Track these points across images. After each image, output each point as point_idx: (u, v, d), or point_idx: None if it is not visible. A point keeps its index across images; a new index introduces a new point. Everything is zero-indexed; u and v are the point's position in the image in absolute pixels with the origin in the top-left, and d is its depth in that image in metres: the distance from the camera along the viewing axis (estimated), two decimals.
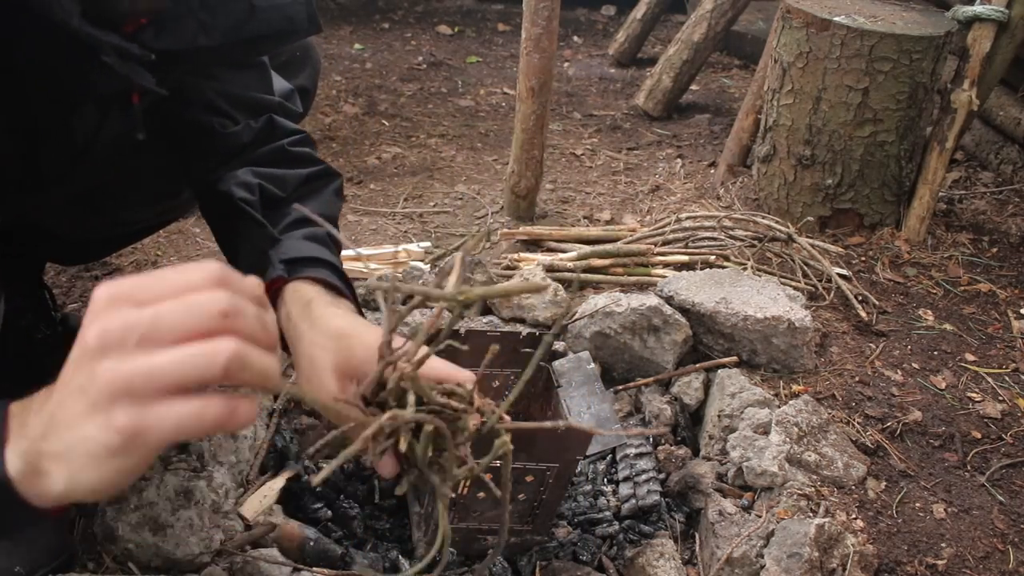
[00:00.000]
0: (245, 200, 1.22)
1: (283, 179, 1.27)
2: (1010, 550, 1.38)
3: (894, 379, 1.76)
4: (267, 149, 1.30)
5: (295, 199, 1.26)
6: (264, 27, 1.19)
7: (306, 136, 1.36)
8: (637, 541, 1.36)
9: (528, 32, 2.19)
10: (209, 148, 1.28)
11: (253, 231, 1.21)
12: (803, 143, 2.37)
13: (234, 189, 1.23)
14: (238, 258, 1.25)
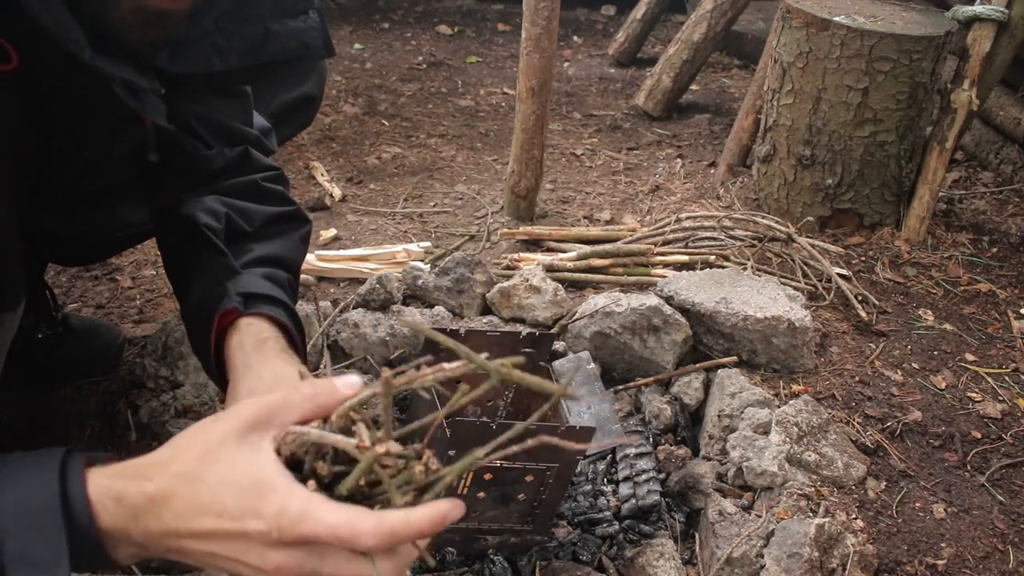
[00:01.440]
0: (209, 227, 1.18)
1: (251, 214, 1.24)
2: (1010, 550, 1.38)
3: (894, 379, 1.76)
4: (239, 181, 1.27)
5: (260, 237, 1.23)
6: (279, 52, 1.18)
7: (280, 173, 1.33)
8: (637, 541, 1.36)
9: (528, 32, 2.19)
10: (179, 169, 1.25)
11: (212, 259, 1.17)
12: (803, 143, 2.37)
13: (199, 215, 1.19)
14: (190, 285, 1.21)
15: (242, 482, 0.75)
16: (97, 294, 1.93)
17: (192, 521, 0.75)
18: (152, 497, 0.75)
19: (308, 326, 1.73)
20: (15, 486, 0.75)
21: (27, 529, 0.73)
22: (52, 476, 0.75)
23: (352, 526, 0.71)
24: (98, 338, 1.65)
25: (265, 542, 0.74)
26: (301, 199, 2.55)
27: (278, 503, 0.73)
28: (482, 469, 1.19)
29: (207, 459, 0.76)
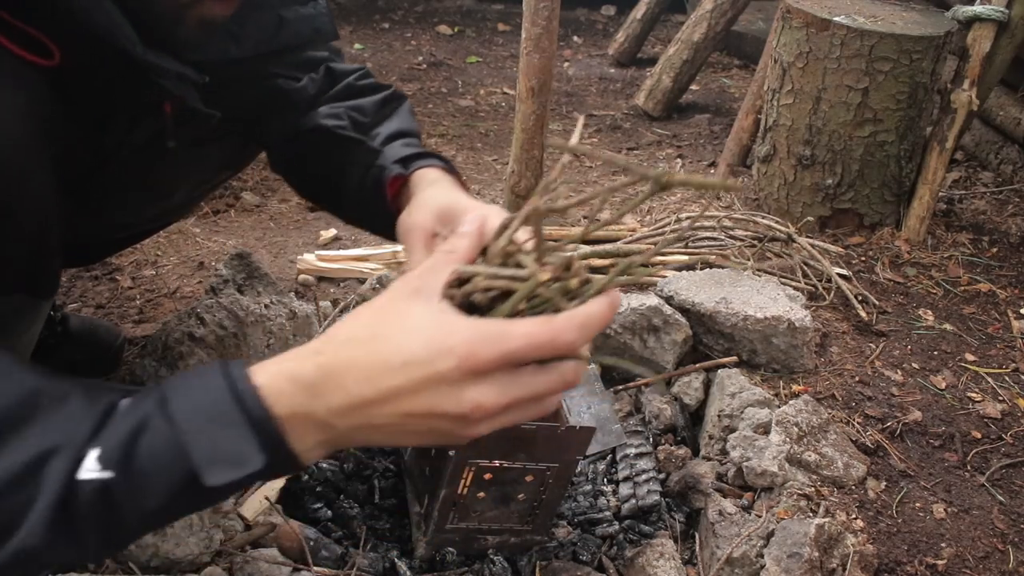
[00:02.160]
0: (339, 127, 1.27)
1: (362, 107, 1.33)
2: (1010, 550, 1.38)
3: (894, 379, 1.76)
4: (336, 90, 1.35)
5: (379, 122, 1.30)
6: (292, 38, 1.23)
7: (366, 69, 1.41)
8: (637, 541, 1.36)
9: (528, 32, 2.19)
10: (284, 105, 1.34)
11: (355, 151, 1.25)
12: (803, 143, 2.37)
13: (323, 121, 1.28)
14: (343, 184, 1.26)
15: (422, 325, 0.73)
16: (97, 294, 1.93)
17: (378, 380, 0.72)
18: (329, 366, 0.73)
19: (308, 326, 1.73)
20: (184, 396, 0.73)
21: (209, 428, 0.71)
22: (217, 377, 0.73)
23: (548, 328, 0.72)
24: (98, 338, 1.65)
25: (459, 379, 0.72)
26: (301, 199, 2.55)
27: (465, 334, 0.72)
28: (482, 469, 1.20)
29: (378, 319, 0.76)
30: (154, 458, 0.71)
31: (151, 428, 0.71)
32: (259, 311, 1.63)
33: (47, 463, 0.70)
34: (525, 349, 0.72)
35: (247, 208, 2.48)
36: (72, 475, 0.69)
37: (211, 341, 1.53)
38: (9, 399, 0.72)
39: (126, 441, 0.71)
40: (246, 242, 2.24)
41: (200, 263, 2.08)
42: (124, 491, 0.70)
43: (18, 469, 0.69)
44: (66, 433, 0.71)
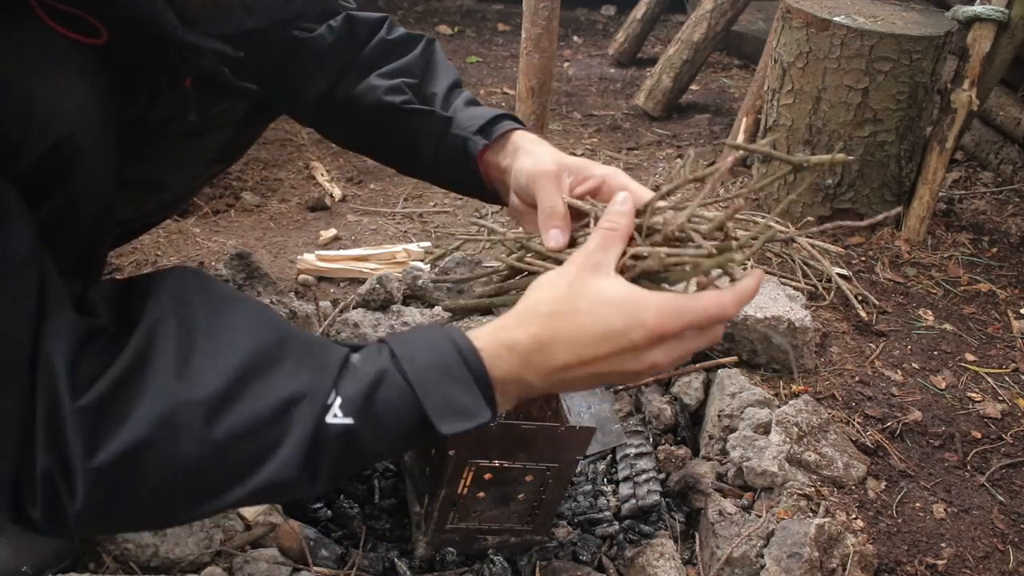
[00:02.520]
0: (405, 102, 1.28)
1: (409, 68, 1.33)
2: (1010, 550, 1.38)
3: (894, 379, 1.76)
4: (372, 48, 1.35)
5: (425, 79, 1.33)
6: (303, 6, 1.25)
7: (389, 19, 1.41)
8: (637, 541, 1.36)
9: (528, 32, 2.19)
10: (306, 63, 1.34)
11: (425, 123, 1.27)
12: (803, 143, 2.37)
13: (387, 98, 1.29)
14: (420, 154, 1.30)
15: (616, 300, 0.87)
16: None
17: (582, 349, 0.86)
18: (540, 339, 0.86)
19: (308, 326, 1.73)
20: (415, 354, 0.85)
21: (441, 383, 0.83)
22: (443, 339, 0.86)
23: (718, 304, 0.88)
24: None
25: (645, 347, 0.86)
26: (301, 199, 2.55)
27: (654, 309, 0.86)
28: (482, 469, 1.20)
29: (574, 295, 0.88)
30: (391, 408, 0.83)
31: (387, 381, 0.83)
32: None
33: (297, 406, 0.81)
34: (701, 321, 0.87)
35: (247, 208, 2.48)
36: (321, 419, 0.81)
37: None
38: (266, 341, 0.83)
39: (366, 392, 0.82)
40: (246, 242, 2.24)
41: (200, 263, 2.08)
42: (363, 436, 0.82)
43: (273, 409, 0.80)
44: (312, 381, 0.82)
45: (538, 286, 0.92)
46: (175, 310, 0.84)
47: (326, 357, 0.85)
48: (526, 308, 0.89)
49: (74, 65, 0.90)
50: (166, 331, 0.83)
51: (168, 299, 0.86)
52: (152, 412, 0.78)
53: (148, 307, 0.84)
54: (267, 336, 0.84)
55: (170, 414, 0.78)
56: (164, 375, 0.80)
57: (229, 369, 0.81)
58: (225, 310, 0.86)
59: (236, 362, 0.81)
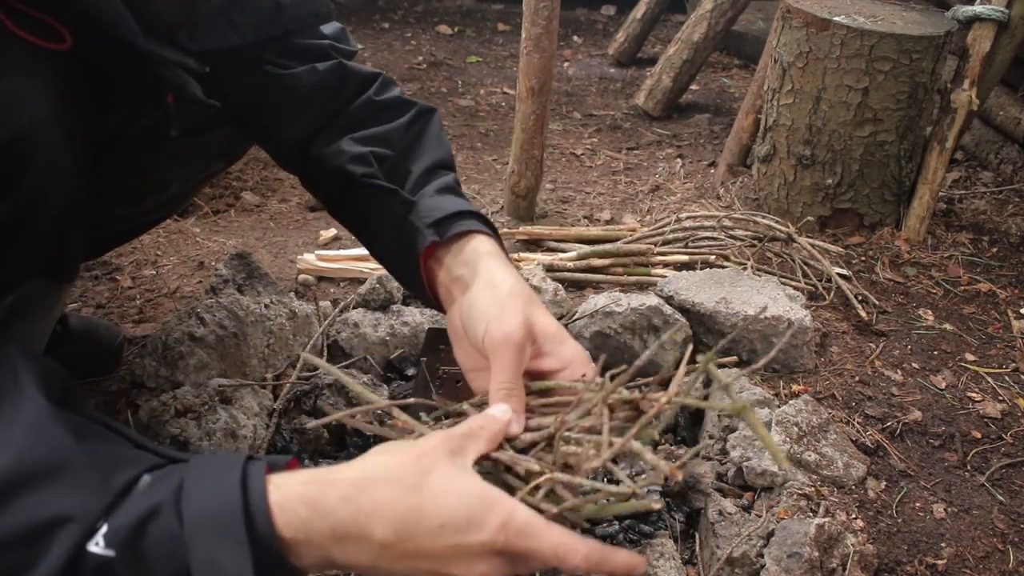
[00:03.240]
0: (368, 175, 1.19)
1: (386, 137, 1.24)
2: (1010, 550, 1.38)
3: (894, 379, 1.76)
4: (356, 107, 1.27)
5: (405, 153, 1.23)
6: (291, 22, 1.21)
7: (383, 77, 1.32)
8: (637, 541, 1.36)
9: (528, 32, 2.19)
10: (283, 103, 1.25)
11: (386, 201, 1.18)
12: (803, 143, 2.38)
13: (350, 167, 1.20)
14: (374, 230, 1.22)
15: (468, 494, 0.76)
16: (97, 294, 1.93)
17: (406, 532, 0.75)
18: (357, 503, 0.75)
19: (308, 326, 1.73)
20: (199, 494, 0.75)
21: (212, 537, 0.73)
22: (235, 485, 0.75)
23: (569, 549, 0.77)
24: (97, 338, 1.65)
25: (482, 552, 0.76)
26: (301, 199, 2.55)
27: (503, 516, 0.76)
28: None
29: (420, 470, 0.77)
30: (157, 549, 0.73)
31: (161, 518, 0.73)
32: (259, 311, 1.63)
33: (60, 529, 0.72)
34: (544, 554, 0.77)
35: (247, 208, 2.48)
36: (82, 546, 0.72)
37: (211, 341, 1.53)
38: (37, 457, 0.74)
39: (134, 525, 0.73)
40: (246, 242, 2.24)
41: (200, 263, 2.08)
42: (124, 572, 0.72)
43: (31, 528, 0.72)
44: (83, 505, 0.73)
45: (382, 448, 0.82)
46: None
47: (111, 477, 0.76)
48: (355, 466, 0.79)
49: (30, 67, 0.89)
50: None
51: None
52: None
53: None
54: (48, 446, 0.76)
55: None
56: None
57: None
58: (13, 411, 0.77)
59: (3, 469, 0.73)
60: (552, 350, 1.01)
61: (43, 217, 0.95)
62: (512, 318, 0.97)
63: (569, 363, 1.00)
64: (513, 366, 0.95)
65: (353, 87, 1.29)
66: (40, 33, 0.90)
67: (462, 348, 1.06)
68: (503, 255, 1.09)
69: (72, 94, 0.96)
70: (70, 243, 1.05)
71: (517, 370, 0.95)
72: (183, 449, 1.33)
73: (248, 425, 1.42)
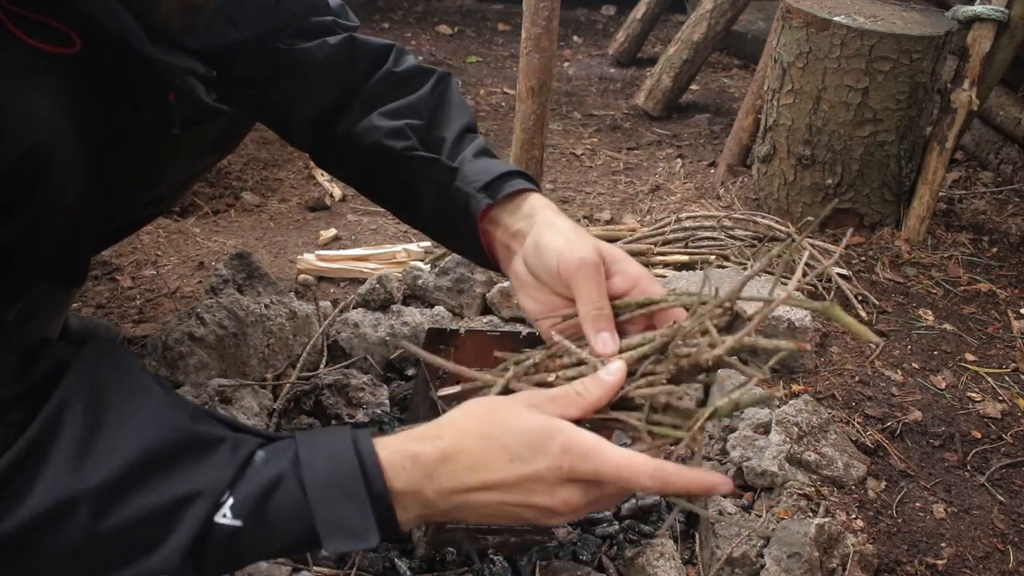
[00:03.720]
0: (407, 148, 1.20)
1: (415, 107, 1.25)
2: (1010, 550, 1.38)
3: (894, 379, 1.76)
4: (378, 80, 1.27)
5: (434, 120, 1.24)
6: (288, 16, 1.22)
7: (398, 48, 1.32)
8: (637, 541, 1.36)
9: (528, 32, 2.19)
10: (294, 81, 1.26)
11: (428, 172, 1.19)
12: (803, 143, 2.37)
13: (388, 142, 1.21)
14: (418, 204, 1.23)
15: (531, 428, 0.83)
16: (97, 294, 1.93)
17: (484, 471, 0.83)
18: (445, 453, 0.83)
19: (308, 326, 1.73)
20: (317, 461, 0.82)
21: (335, 499, 0.81)
22: (349, 450, 0.83)
23: (635, 468, 0.81)
24: (97, 338, 1.65)
25: (554, 479, 0.82)
26: (301, 199, 2.55)
27: (565, 440, 0.82)
28: None
29: (492, 420, 0.85)
30: (282, 515, 0.81)
31: (283, 487, 0.81)
32: (259, 311, 1.63)
33: (191, 504, 0.79)
34: (610, 476, 0.82)
35: (247, 208, 2.48)
36: (210, 518, 0.79)
37: (211, 341, 1.53)
38: (165, 441, 0.82)
39: (259, 496, 0.80)
40: (246, 242, 2.24)
41: (200, 263, 2.08)
42: (250, 539, 0.80)
43: (164, 504, 0.79)
44: (209, 480, 0.81)
45: (465, 405, 0.89)
46: (84, 392, 0.83)
47: (230, 455, 0.83)
48: (441, 423, 0.87)
49: (44, 75, 0.90)
50: (72, 414, 0.81)
51: (80, 379, 0.84)
52: (46, 498, 0.77)
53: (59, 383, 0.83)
54: (171, 429, 0.83)
55: (62, 503, 0.77)
56: (63, 461, 0.79)
57: (127, 462, 0.80)
58: (135, 399, 0.85)
59: (135, 456, 0.80)
60: (620, 270, 1.04)
61: (59, 222, 0.96)
62: (583, 243, 1.02)
63: (637, 280, 1.03)
64: (596, 287, 1.00)
65: (367, 60, 1.29)
66: (50, 39, 0.91)
67: (528, 294, 1.09)
68: (556, 208, 1.12)
69: (82, 98, 0.96)
70: (81, 246, 1.06)
71: (601, 290, 1.00)
72: None
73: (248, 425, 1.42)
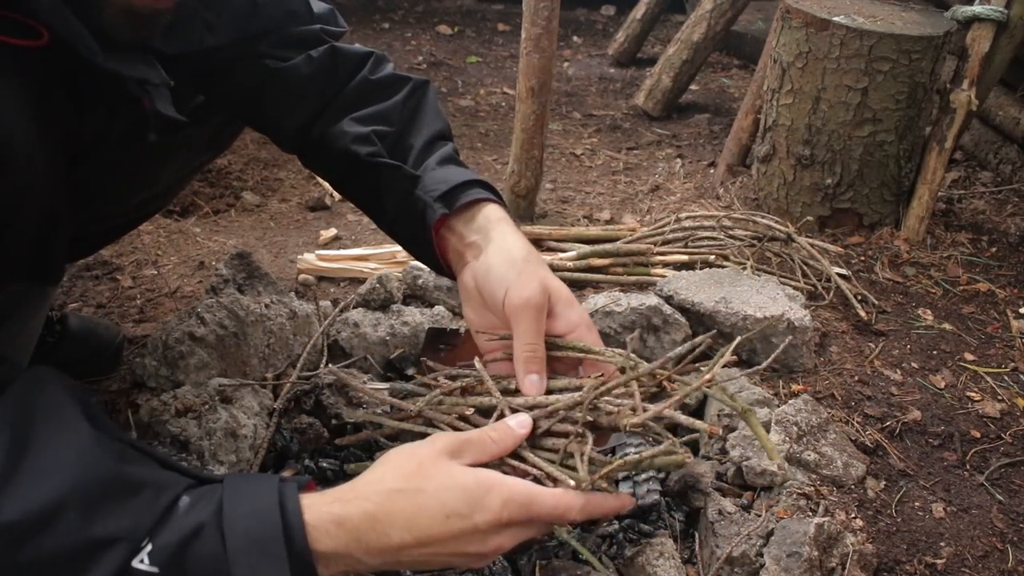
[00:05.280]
0: (371, 154, 1.22)
1: (386, 115, 1.26)
2: (1009, 549, 1.39)
3: (893, 378, 1.76)
4: (353, 87, 1.29)
5: (405, 128, 1.27)
6: (267, 22, 1.22)
7: (377, 55, 1.34)
8: (637, 540, 1.36)
9: (528, 32, 2.20)
10: (283, 95, 1.28)
11: (391, 179, 1.22)
12: (802, 143, 2.38)
13: (354, 148, 1.23)
14: (382, 208, 1.27)
15: (465, 484, 0.87)
16: (97, 294, 1.93)
17: (420, 530, 0.85)
18: (374, 516, 0.85)
19: (308, 326, 1.73)
20: (240, 514, 0.82)
21: (254, 555, 0.81)
22: (273, 508, 0.83)
23: (569, 506, 0.90)
24: (97, 338, 1.65)
25: (490, 529, 0.87)
26: (301, 199, 2.55)
27: (503, 493, 0.87)
28: None
29: (422, 475, 0.88)
30: (199, 565, 0.80)
31: (202, 537, 0.81)
32: (259, 311, 1.63)
33: (111, 548, 0.78)
34: (548, 514, 0.89)
35: (247, 208, 2.48)
36: (127, 563, 0.78)
37: (211, 341, 1.53)
38: (86, 481, 0.80)
39: (178, 544, 0.80)
40: (246, 242, 2.24)
41: (200, 263, 2.08)
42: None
43: (84, 545, 0.78)
44: (130, 525, 0.80)
45: (387, 460, 0.91)
46: (12, 421, 0.82)
47: (153, 498, 0.82)
48: (368, 481, 0.89)
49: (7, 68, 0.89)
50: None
51: (10, 407, 0.83)
52: None
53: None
54: (97, 469, 0.82)
55: None
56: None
57: (49, 498, 0.78)
58: (61, 436, 0.83)
59: (57, 493, 0.79)
60: (561, 312, 1.08)
61: (22, 219, 0.94)
62: (530, 283, 1.05)
63: (576, 326, 1.08)
64: (535, 328, 1.04)
65: (347, 69, 1.30)
66: (15, 32, 0.90)
67: (472, 308, 1.13)
68: (511, 222, 1.16)
69: (47, 92, 0.95)
70: (53, 244, 1.05)
71: (539, 332, 1.04)
72: (183, 449, 1.33)
73: (248, 425, 1.43)
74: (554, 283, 1.08)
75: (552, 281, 1.08)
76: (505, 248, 1.10)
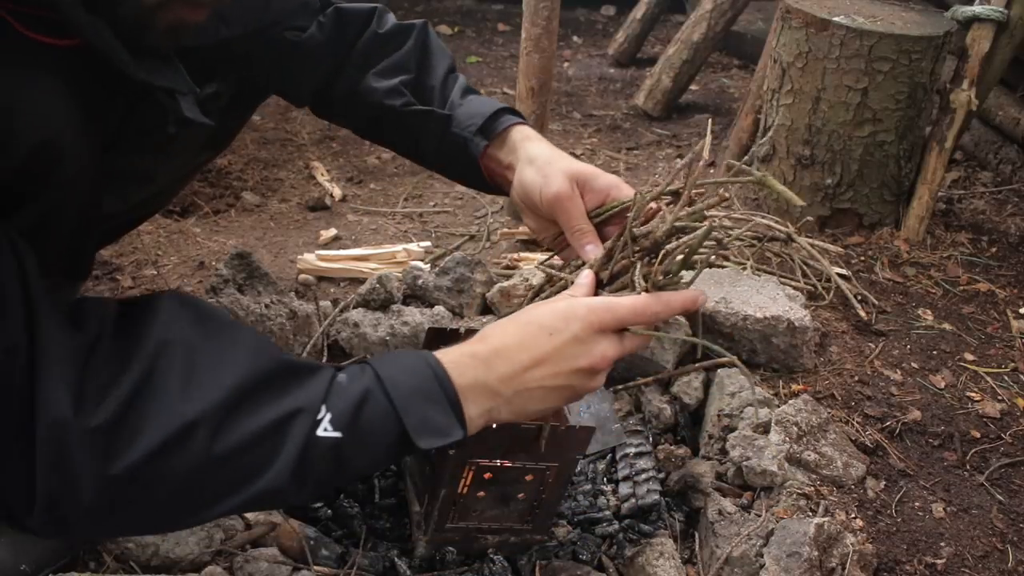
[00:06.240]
0: (405, 104, 1.33)
1: (404, 64, 1.37)
2: (1009, 549, 1.39)
3: (893, 379, 1.76)
4: (365, 42, 1.38)
5: (421, 71, 1.38)
6: (279, 14, 1.27)
7: (380, 9, 1.42)
8: (637, 540, 1.36)
9: (528, 32, 2.19)
10: (301, 63, 1.37)
11: (425, 122, 1.33)
12: (802, 143, 2.38)
13: (387, 102, 1.34)
14: (420, 151, 1.39)
15: (557, 307, 1.03)
16: (98, 293, 1.93)
17: (533, 349, 0.98)
18: (495, 347, 0.98)
19: (308, 326, 1.73)
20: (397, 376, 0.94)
21: (420, 404, 0.92)
22: (421, 363, 0.95)
23: (646, 303, 1.05)
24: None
25: (588, 336, 0.99)
26: (301, 199, 2.55)
27: (586, 304, 1.02)
28: (482, 468, 1.20)
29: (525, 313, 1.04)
30: (375, 425, 0.91)
31: (371, 400, 0.91)
32: (259, 311, 1.63)
33: (295, 420, 0.87)
34: (628, 315, 1.03)
35: (247, 208, 2.48)
36: (312, 432, 0.87)
37: None
38: (263, 361, 0.90)
39: (353, 408, 0.90)
40: (246, 242, 2.24)
41: (200, 263, 2.08)
42: (349, 449, 0.89)
43: (271, 422, 0.87)
44: (305, 397, 0.89)
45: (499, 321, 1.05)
46: (177, 333, 0.89)
47: (316, 376, 0.92)
48: (483, 332, 1.04)
49: (50, 67, 0.90)
50: (171, 352, 0.87)
51: (170, 322, 0.90)
52: (160, 431, 0.82)
53: (151, 328, 0.89)
54: (263, 357, 0.91)
55: (177, 432, 0.83)
56: (171, 395, 0.84)
57: (230, 388, 0.86)
58: (225, 335, 0.92)
59: (236, 382, 0.87)
60: (592, 187, 1.21)
61: (67, 216, 0.97)
62: (555, 179, 1.19)
63: (609, 190, 1.21)
64: (574, 212, 1.19)
65: (355, 27, 1.39)
66: (50, 31, 0.90)
67: (529, 218, 1.29)
68: (535, 135, 1.28)
69: (85, 89, 0.96)
70: (86, 240, 1.07)
71: (580, 214, 1.19)
72: None
73: None
74: (575, 167, 1.21)
75: (573, 166, 1.21)
76: (530, 158, 1.23)
